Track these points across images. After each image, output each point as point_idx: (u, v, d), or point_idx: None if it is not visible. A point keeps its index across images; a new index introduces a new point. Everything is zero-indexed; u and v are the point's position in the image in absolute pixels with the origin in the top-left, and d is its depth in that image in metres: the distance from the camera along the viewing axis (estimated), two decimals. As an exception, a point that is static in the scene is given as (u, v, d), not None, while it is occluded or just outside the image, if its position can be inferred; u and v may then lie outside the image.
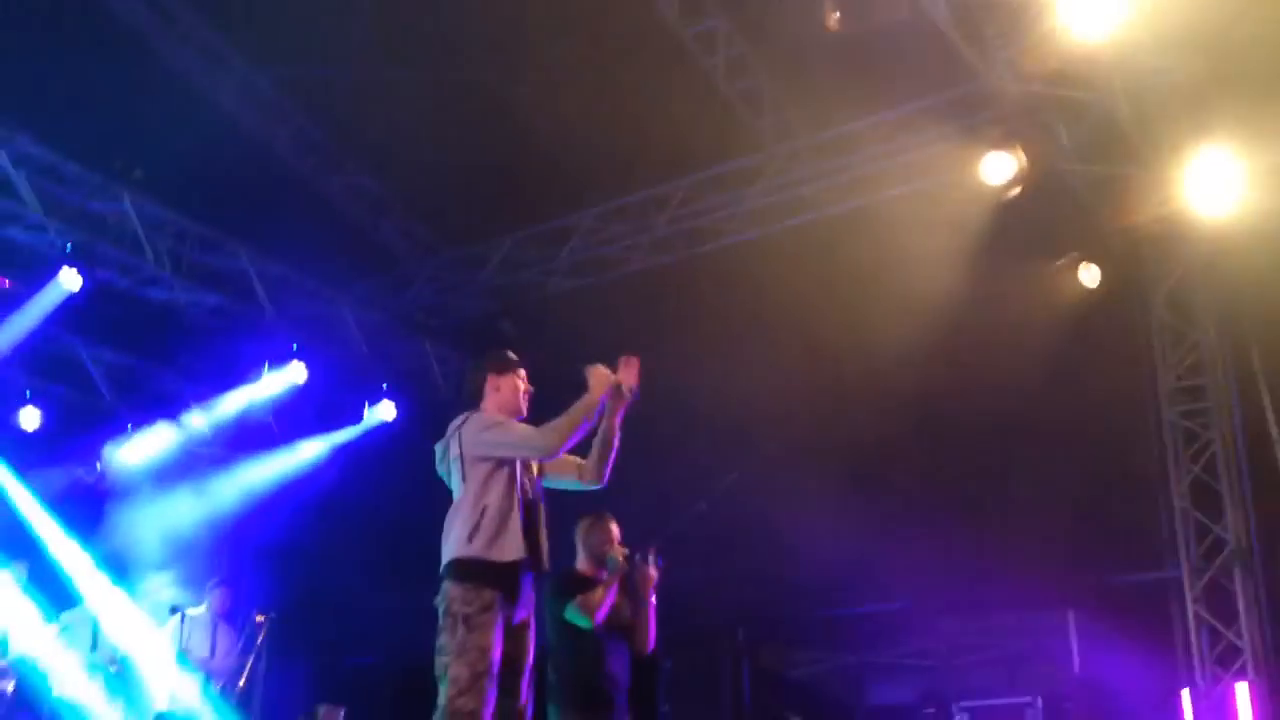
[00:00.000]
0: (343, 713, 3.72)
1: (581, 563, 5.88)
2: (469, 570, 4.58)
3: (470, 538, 4.60)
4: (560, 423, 4.70)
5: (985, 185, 7.89)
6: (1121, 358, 8.60)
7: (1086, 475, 8.54)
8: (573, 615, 5.62)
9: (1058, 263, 8.41)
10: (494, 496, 4.66)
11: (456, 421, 4.86)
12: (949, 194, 8.09)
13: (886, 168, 8.64)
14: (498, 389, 4.93)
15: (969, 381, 8.42)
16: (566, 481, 4.99)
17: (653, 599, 5.82)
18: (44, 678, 8.48)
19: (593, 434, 4.82)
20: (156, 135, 8.75)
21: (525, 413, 4.93)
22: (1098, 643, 8.76)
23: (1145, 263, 8.55)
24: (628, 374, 4.77)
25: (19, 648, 8.32)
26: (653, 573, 5.79)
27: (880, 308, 8.17)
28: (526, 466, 4.82)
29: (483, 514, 4.62)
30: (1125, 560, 8.80)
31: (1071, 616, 8.92)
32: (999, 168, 7.84)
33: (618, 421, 4.83)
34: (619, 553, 5.74)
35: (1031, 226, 8.08)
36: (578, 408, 4.71)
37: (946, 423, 8.57)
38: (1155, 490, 8.54)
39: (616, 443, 4.85)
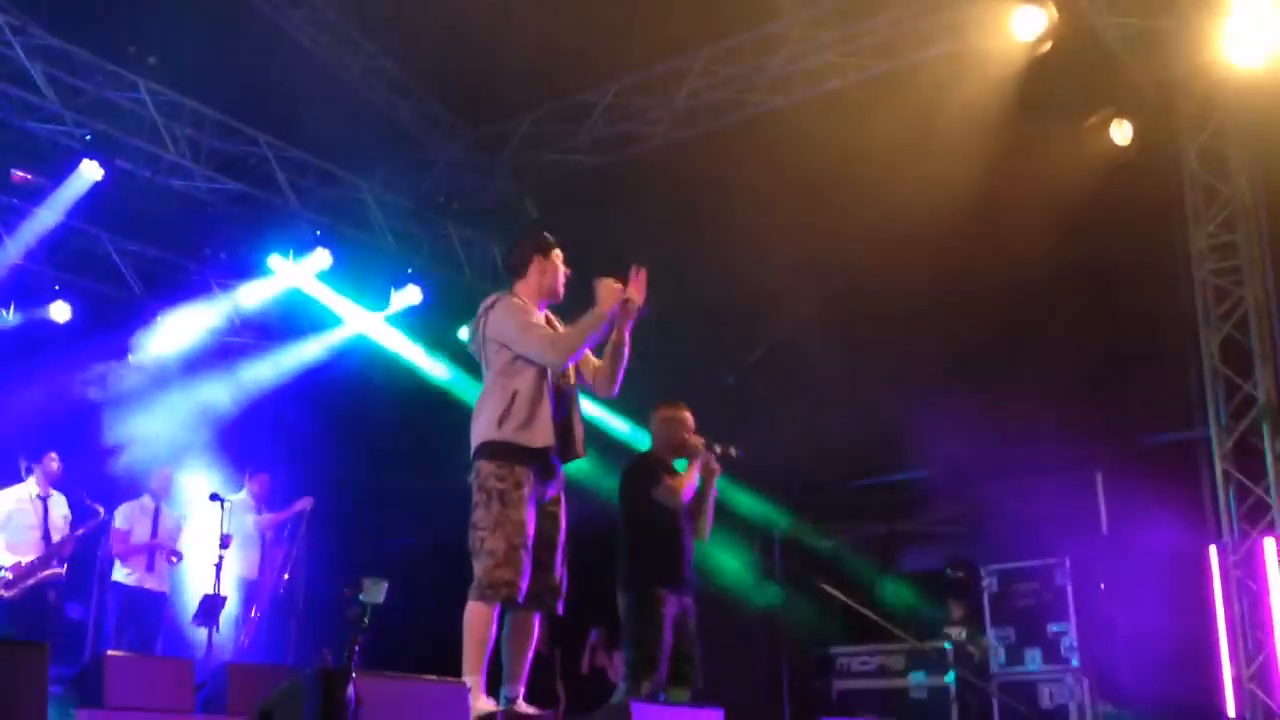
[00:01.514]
0: (385, 585, 3.78)
1: (657, 447, 6.06)
2: (500, 450, 4.65)
3: (500, 421, 4.65)
4: (567, 336, 4.74)
5: (1015, 43, 7.72)
6: (1154, 215, 8.48)
7: (1116, 336, 8.49)
8: (663, 496, 5.79)
9: (1090, 120, 8.24)
10: (523, 382, 4.70)
11: (486, 303, 4.88)
12: (978, 54, 7.90)
13: (913, 29, 8.45)
14: (542, 270, 4.94)
15: (998, 244, 8.32)
16: (582, 383, 5.01)
17: (714, 490, 6.00)
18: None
19: (603, 345, 4.84)
20: (168, 21, 8.63)
21: (561, 296, 4.96)
22: (1126, 503, 8.81)
23: (1178, 118, 8.36)
24: (636, 287, 4.75)
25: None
26: (716, 466, 5.95)
27: (909, 174, 8.06)
28: None
29: (513, 399, 4.67)
30: (1154, 420, 8.81)
31: (1100, 477, 8.97)
32: (1030, 22, 7.67)
33: (627, 334, 4.82)
34: (698, 441, 5.92)
35: (1063, 84, 7.91)
36: (585, 322, 4.71)
37: (975, 287, 8.50)
38: (1185, 350, 8.51)
39: (626, 354, 4.86)
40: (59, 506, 8.42)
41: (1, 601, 7.93)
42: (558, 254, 4.99)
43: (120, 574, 8.59)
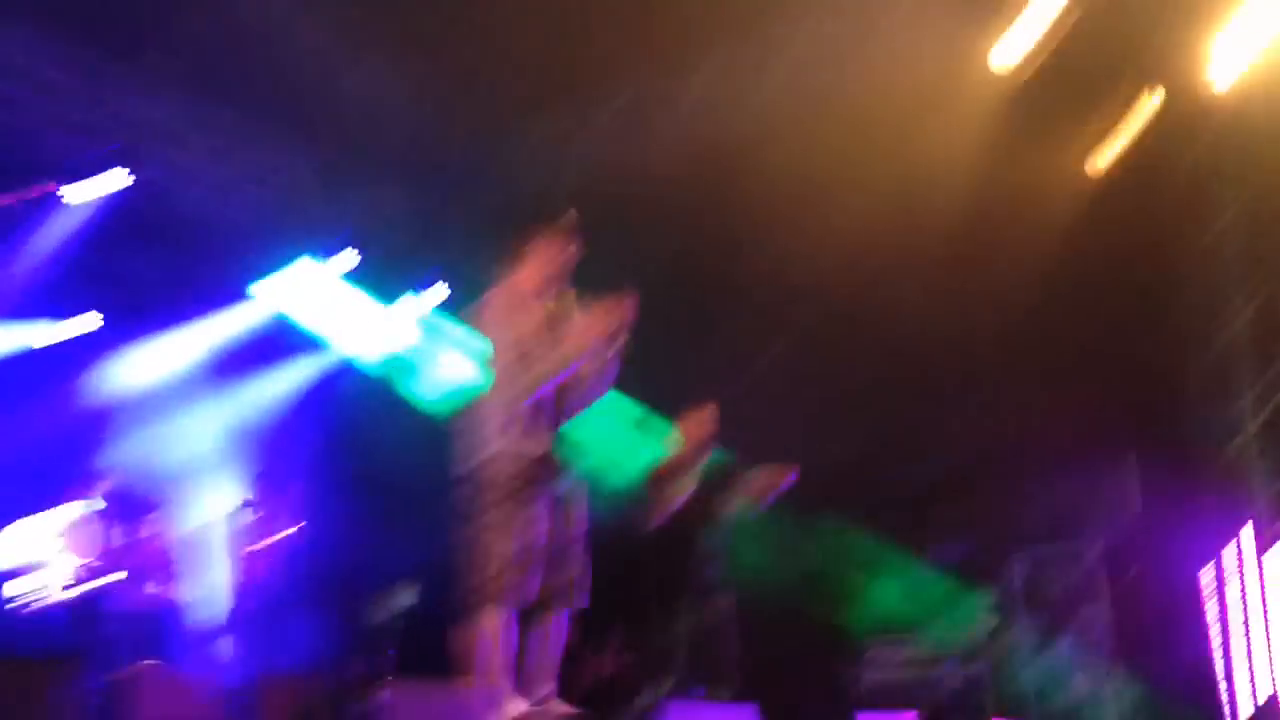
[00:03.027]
0: (417, 591, 3.83)
1: (681, 451, 6.17)
2: (504, 458, 4.64)
3: (501, 430, 4.64)
4: (549, 361, 4.63)
5: (1007, 58, 7.65)
6: (1172, 201, 8.42)
7: (1144, 318, 8.45)
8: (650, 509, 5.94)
9: (1082, 135, 8.17)
10: (525, 389, 4.67)
11: (481, 300, 4.83)
12: (970, 70, 7.84)
13: (904, 47, 8.28)
14: (544, 253, 4.91)
15: (1010, 240, 8.30)
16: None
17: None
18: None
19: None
20: (192, 32, 8.65)
21: (568, 276, 4.90)
22: (1158, 485, 8.76)
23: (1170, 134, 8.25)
24: (623, 311, 4.63)
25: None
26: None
27: (911, 182, 8.02)
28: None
29: (514, 404, 4.65)
30: (1186, 401, 8.75)
31: (1132, 461, 8.92)
32: (1019, 38, 7.61)
33: (606, 367, 4.77)
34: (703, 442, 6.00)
35: (1054, 100, 7.86)
36: (570, 346, 4.65)
37: (999, 271, 8.46)
38: (1212, 334, 8.44)
39: (604, 381, 4.82)
40: (116, 518, 8.52)
41: (60, 605, 8.01)
42: (562, 235, 4.91)
43: (135, 588, 8.62)
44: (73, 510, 8.39)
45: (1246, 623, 7.87)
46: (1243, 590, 7.92)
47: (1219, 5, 7.06)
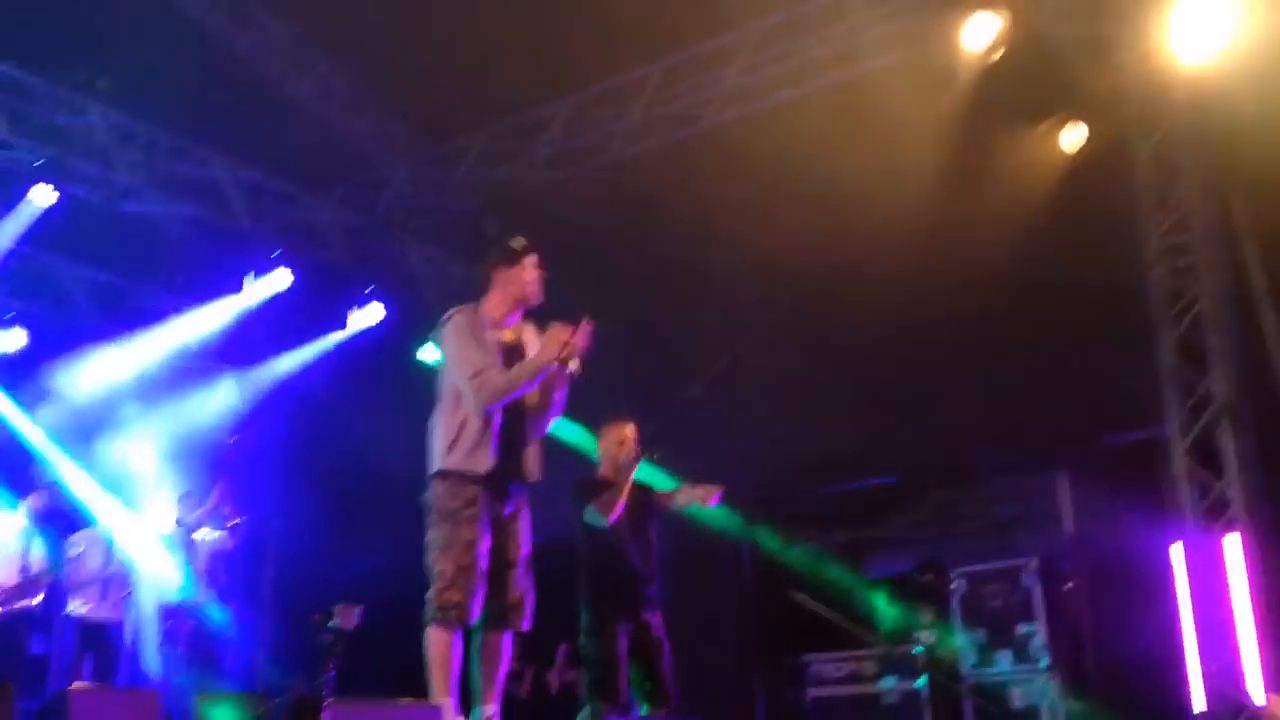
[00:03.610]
0: (359, 610, 3.77)
1: (602, 467, 6.09)
2: (449, 475, 4.63)
3: (449, 449, 4.63)
4: (498, 383, 4.64)
5: (968, 50, 7.80)
6: (1107, 219, 8.57)
7: (1074, 338, 8.58)
8: (590, 517, 5.80)
9: (1041, 126, 8.33)
10: (473, 410, 4.65)
11: (444, 317, 4.84)
12: (931, 62, 7.98)
13: (866, 39, 8.50)
14: (507, 281, 4.90)
15: (954, 250, 8.41)
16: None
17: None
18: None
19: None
20: (119, 45, 8.55)
21: (538, 300, 4.92)
22: (1090, 503, 8.91)
23: (1129, 121, 8.46)
24: (579, 338, 4.68)
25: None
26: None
27: (864, 181, 8.11)
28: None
29: (461, 426, 4.63)
30: (1114, 420, 8.90)
31: (1063, 478, 9.06)
32: (981, 30, 7.75)
33: (559, 387, 4.78)
34: (629, 454, 5.94)
35: (1014, 90, 7.99)
36: (523, 369, 4.67)
37: (932, 293, 8.57)
38: (1142, 350, 8.59)
39: (559, 403, 4.83)
40: (40, 543, 8.32)
41: None
42: (527, 260, 4.92)
43: (74, 605, 8.47)
44: None
45: (1181, 637, 8.00)
46: (1176, 606, 8.06)
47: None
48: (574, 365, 4.72)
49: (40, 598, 8.17)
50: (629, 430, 6.10)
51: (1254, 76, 7.44)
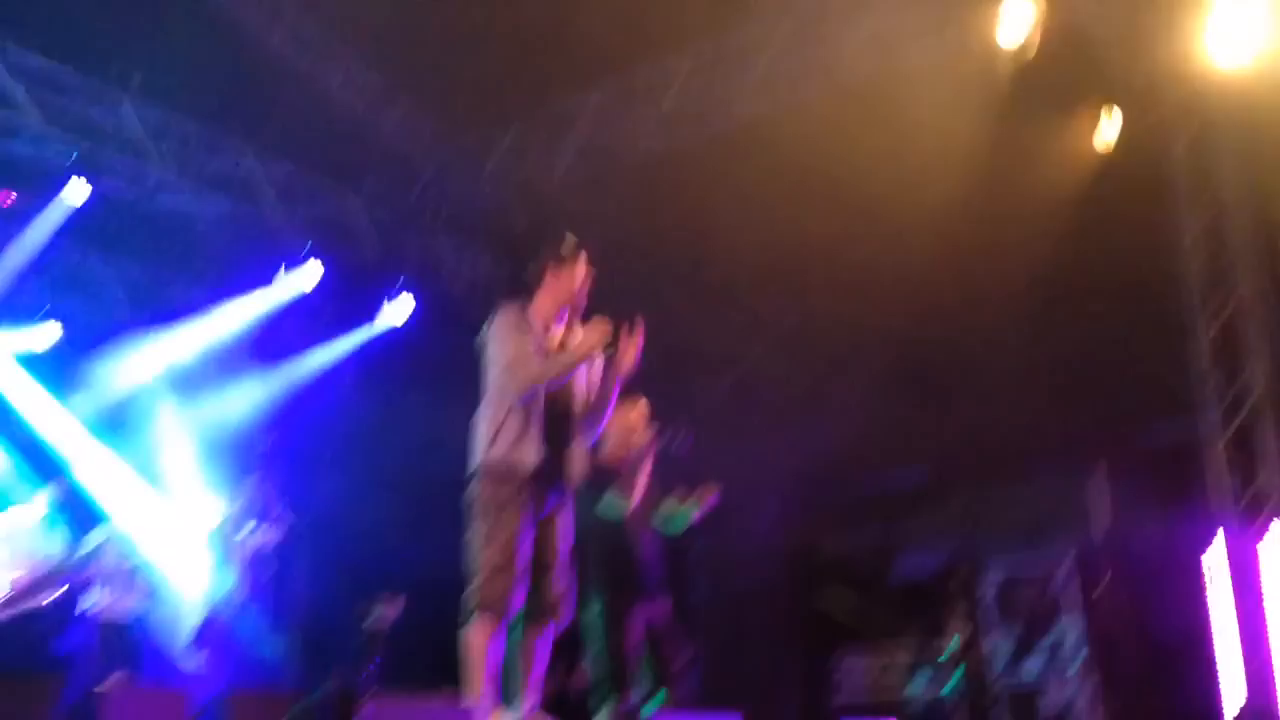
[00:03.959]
0: (400, 602, 3.78)
1: (607, 449, 5.88)
2: (492, 469, 4.62)
3: (493, 441, 4.62)
4: (535, 369, 4.63)
5: (1004, 38, 7.73)
6: (1144, 211, 8.49)
7: (1112, 332, 8.51)
8: (608, 506, 5.74)
9: (1077, 117, 8.25)
10: (516, 400, 4.64)
11: (491, 315, 4.83)
12: (966, 51, 7.90)
13: (899, 27, 8.43)
14: (556, 279, 4.88)
15: (990, 243, 8.34)
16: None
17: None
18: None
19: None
20: (152, 38, 8.56)
21: (584, 301, 4.87)
22: (1126, 499, 8.82)
23: (1166, 113, 8.37)
24: (628, 346, 4.64)
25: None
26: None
27: (901, 173, 8.05)
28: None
29: (505, 421, 4.62)
30: (1153, 414, 8.82)
31: (1099, 474, 8.97)
32: (1015, 21, 7.68)
33: (613, 392, 4.73)
34: (643, 437, 5.86)
35: (1049, 81, 7.91)
36: (561, 358, 4.66)
37: (971, 287, 8.51)
38: (1180, 343, 8.51)
39: (607, 411, 4.78)
40: (57, 535, 8.32)
41: (20, 617, 7.81)
42: (577, 259, 4.90)
43: (91, 601, 8.44)
44: (13, 519, 8.19)
45: (1212, 635, 7.93)
46: (1210, 603, 7.98)
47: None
48: (627, 364, 4.65)
49: (56, 594, 8.15)
50: (639, 410, 5.96)
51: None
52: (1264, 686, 7.63)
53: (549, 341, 4.83)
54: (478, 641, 4.51)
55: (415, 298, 10.78)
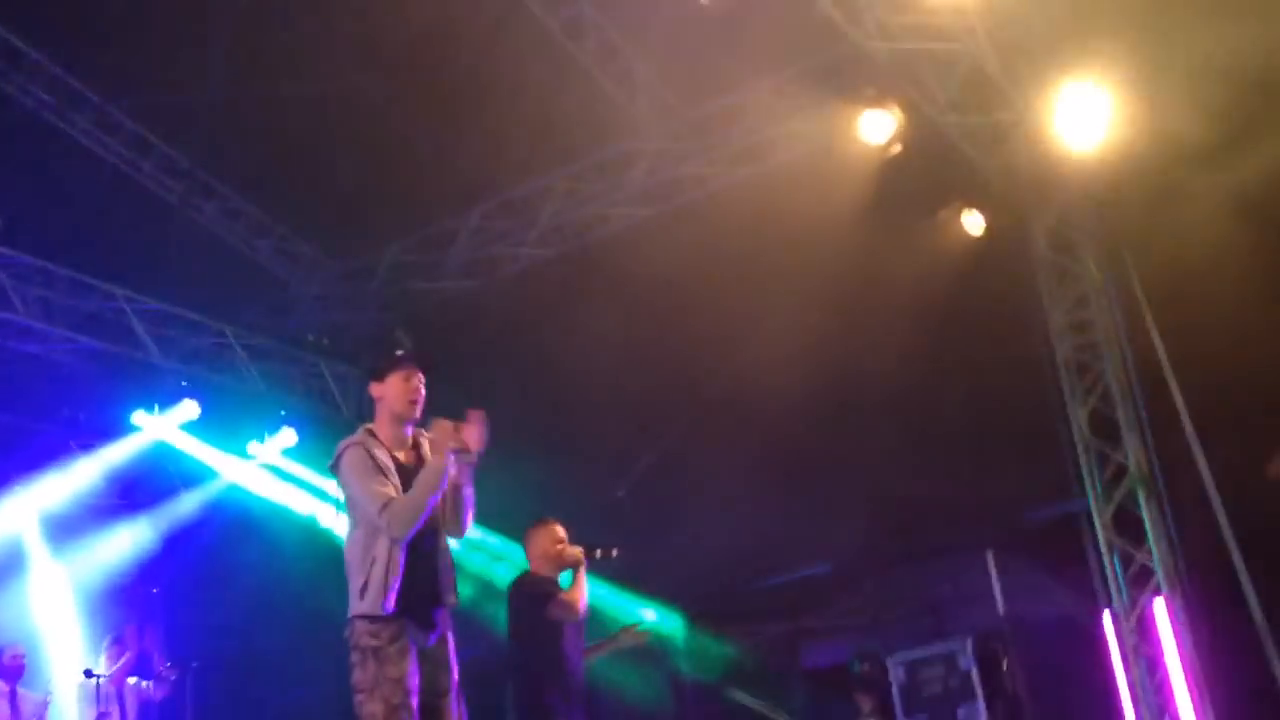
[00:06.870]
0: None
1: (536, 566, 6.04)
2: (369, 616, 4.39)
3: (362, 593, 4.40)
4: (407, 506, 4.42)
5: (867, 145, 8.01)
6: (1012, 300, 8.79)
7: (990, 419, 8.70)
8: (560, 613, 5.80)
9: (942, 213, 8.55)
10: (380, 545, 4.42)
11: (338, 450, 4.57)
12: (831, 158, 8.18)
13: (766, 137, 8.73)
14: (382, 397, 4.67)
15: (866, 339, 8.53)
16: None
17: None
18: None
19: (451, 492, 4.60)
20: (12, 180, 8.37)
21: (417, 414, 4.65)
22: (1017, 579, 8.98)
23: (1026, 204, 8.73)
24: (469, 432, 4.49)
25: None
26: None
27: (775, 276, 8.24)
28: None
29: (371, 566, 4.41)
30: (1035, 496, 9.02)
31: (990, 557, 9.12)
32: (877, 126, 7.97)
33: (466, 483, 4.58)
34: (576, 550, 5.99)
35: (915, 181, 8.21)
36: (422, 481, 4.44)
37: (848, 382, 8.67)
38: (1056, 426, 8.75)
39: (469, 496, 4.62)
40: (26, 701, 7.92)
41: None
42: (401, 371, 4.65)
43: None
44: None
45: (1118, 705, 8.06)
46: (1110, 674, 8.13)
47: (1070, 70, 7.46)
48: (472, 451, 4.53)
49: None
50: (560, 529, 6.10)
51: (1137, 157, 7.75)
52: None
53: (398, 459, 4.59)
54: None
55: (300, 427, 10.56)
